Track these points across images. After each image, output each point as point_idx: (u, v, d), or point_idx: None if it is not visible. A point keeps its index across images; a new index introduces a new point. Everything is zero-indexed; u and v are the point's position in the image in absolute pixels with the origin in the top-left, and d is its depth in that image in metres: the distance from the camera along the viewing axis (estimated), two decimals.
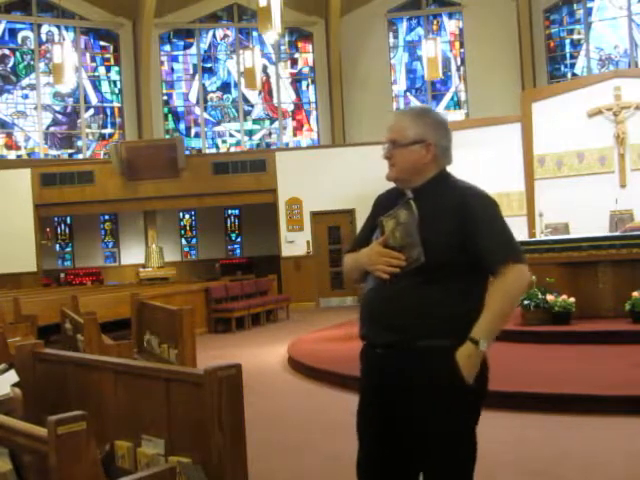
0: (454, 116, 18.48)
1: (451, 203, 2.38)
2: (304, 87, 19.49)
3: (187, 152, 17.72)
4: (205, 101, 19.23)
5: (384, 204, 2.54)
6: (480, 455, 2.45)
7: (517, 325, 8.39)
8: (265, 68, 18.81)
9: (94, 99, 18.69)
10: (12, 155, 17.78)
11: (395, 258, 2.35)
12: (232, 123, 19.27)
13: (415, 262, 2.32)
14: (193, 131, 19.21)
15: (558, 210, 12.67)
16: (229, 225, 19.88)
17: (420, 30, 19.04)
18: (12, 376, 3.47)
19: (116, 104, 18.81)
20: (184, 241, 19.56)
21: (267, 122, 19.44)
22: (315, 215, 16.12)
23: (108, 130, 18.76)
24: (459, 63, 18.97)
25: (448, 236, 2.33)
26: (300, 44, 19.50)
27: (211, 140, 19.19)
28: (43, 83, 18.12)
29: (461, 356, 2.30)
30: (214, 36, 19.40)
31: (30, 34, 18.18)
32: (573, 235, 11.00)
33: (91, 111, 18.67)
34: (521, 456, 4.56)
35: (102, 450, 3.05)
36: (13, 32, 18.15)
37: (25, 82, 18.12)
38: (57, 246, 18.64)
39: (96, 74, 18.81)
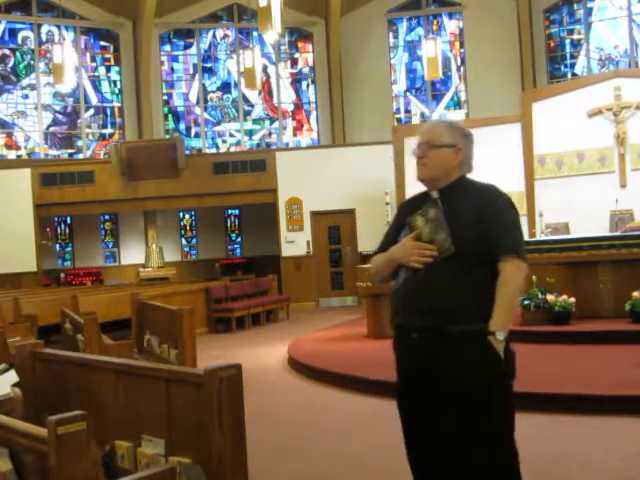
0: (454, 116, 18.48)
1: (473, 200, 2.68)
2: (304, 87, 19.48)
3: (187, 152, 17.71)
4: (205, 101, 19.23)
5: (409, 208, 2.80)
6: None
7: (517, 325, 8.36)
8: (265, 68, 18.80)
9: (94, 99, 18.68)
10: (12, 155, 17.78)
11: (427, 249, 2.60)
12: (232, 123, 19.26)
13: (446, 252, 2.59)
14: (193, 131, 19.21)
15: (558, 210, 12.65)
16: (229, 225, 19.86)
17: (420, 30, 19.03)
18: (12, 376, 3.46)
19: (116, 104, 18.80)
20: (184, 241, 19.55)
21: (267, 122, 19.44)
22: (315, 215, 16.10)
23: (108, 130, 18.75)
24: (459, 63, 18.96)
25: (471, 229, 2.62)
26: (300, 44, 19.49)
27: (211, 140, 19.18)
28: (43, 83, 18.11)
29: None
30: (214, 36, 19.39)
31: (30, 34, 18.17)
32: (573, 235, 10.98)
33: (91, 111, 18.66)
34: (521, 456, 4.53)
35: (102, 450, 3.05)
36: (13, 32, 18.14)
37: (25, 82, 18.11)
38: (57, 246, 18.62)
39: (96, 74, 18.80)
